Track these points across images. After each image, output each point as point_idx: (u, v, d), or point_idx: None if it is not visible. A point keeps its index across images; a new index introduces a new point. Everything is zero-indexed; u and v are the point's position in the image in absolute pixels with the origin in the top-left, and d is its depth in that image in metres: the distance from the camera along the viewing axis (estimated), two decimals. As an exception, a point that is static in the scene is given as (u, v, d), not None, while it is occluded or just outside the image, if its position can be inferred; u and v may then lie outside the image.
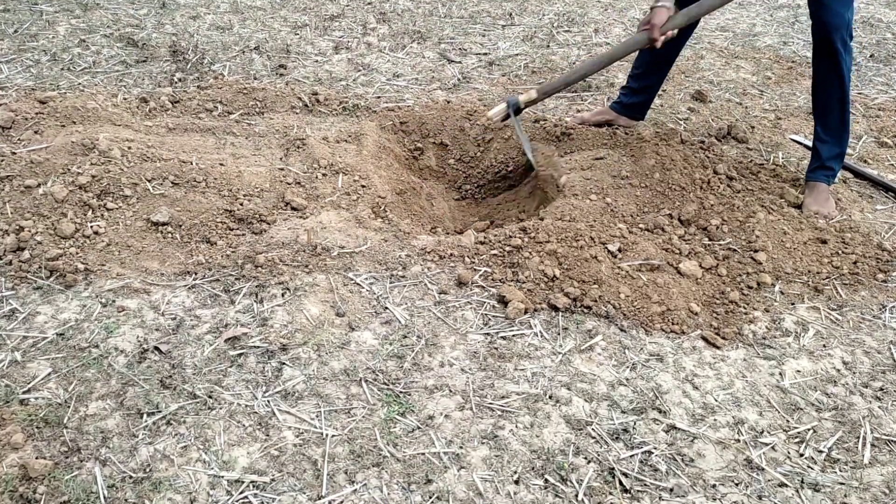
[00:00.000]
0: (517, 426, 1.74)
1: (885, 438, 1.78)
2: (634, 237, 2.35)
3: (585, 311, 2.10)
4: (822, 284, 2.30)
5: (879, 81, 3.86)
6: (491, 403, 1.79)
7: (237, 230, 2.33)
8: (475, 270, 2.22)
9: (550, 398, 1.82)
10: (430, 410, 1.76)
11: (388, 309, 2.06)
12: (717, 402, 1.85)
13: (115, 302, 2.02)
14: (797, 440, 1.77)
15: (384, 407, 1.76)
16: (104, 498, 1.50)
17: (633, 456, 1.69)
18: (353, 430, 1.70)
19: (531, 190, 2.82)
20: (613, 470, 1.65)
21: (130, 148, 2.50)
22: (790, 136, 3.24)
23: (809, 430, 1.80)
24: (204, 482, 1.55)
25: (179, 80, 3.41)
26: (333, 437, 1.68)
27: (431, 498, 1.55)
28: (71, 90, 3.20)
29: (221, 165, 2.55)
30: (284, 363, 1.86)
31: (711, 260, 2.33)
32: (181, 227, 2.29)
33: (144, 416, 1.69)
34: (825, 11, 2.45)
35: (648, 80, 3.03)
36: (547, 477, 1.62)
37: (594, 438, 1.72)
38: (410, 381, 1.84)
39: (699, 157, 2.76)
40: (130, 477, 1.55)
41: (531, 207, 2.73)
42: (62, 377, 1.78)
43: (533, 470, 1.63)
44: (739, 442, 1.75)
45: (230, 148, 2.74)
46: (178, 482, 1.54)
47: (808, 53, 4.20)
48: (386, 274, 2.19)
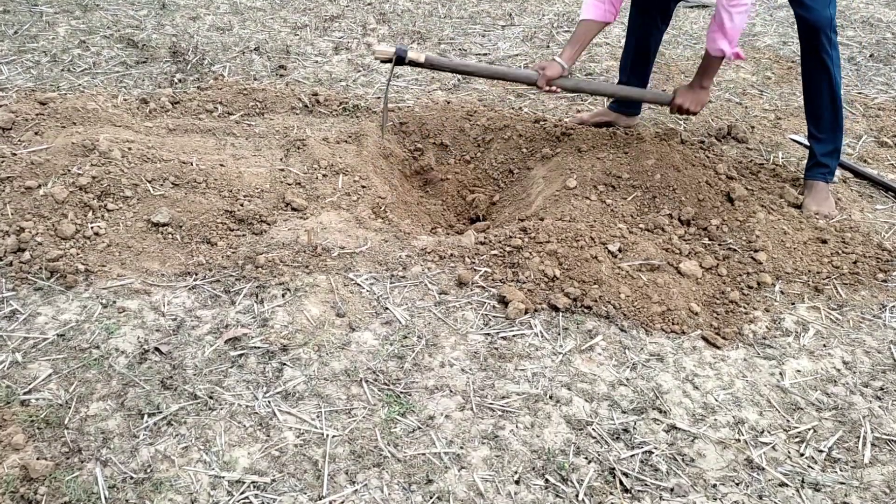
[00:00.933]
0: (518, 426, 1.74)
1: (885, 438, 1.78)
2: (634, 237, 2.35)
3: (586, 311, 2.10)
4: (822, 284, 2.30)
5: (879, 81, 3.86)
6: (491, 404, 1.79)
7: (237, 231, 2.33)
8: (475, 271, 2.23)
9: (551, 398, 1.82)
10: (430, 411, 1.76)
11: (388, 309, 2.06)
12: (717, 401, 1.85)
13: (115, 303, 2.02)
14: (797, 440, 1.77)
15: (385, 407, 1.76)
16: (105, 499, 1.50)
17: (633, 456, 1.69)
18: (353, 430, 1.70)
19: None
20: (614, 470, 1.65)
21: (131, 149, 2.50)
22: (790, 135, 3.24)
23: (810, 429, 1.80)
24: (205, 483, 1.55)
25: (179, 80, 3.41)
26: (334, 437, 1.68)
27: (432, 498, 1.56)
28: (71, 91, 3.20)
29: (222, 166, 2.55)
30: (285, 364, 1.86)
31: (712, 260, 2.33)
32: (181, 227, 2.29)
33: (145, 416, 1.69)
34: (807, 11, 2.46)
35: (637, 70, 3.02)
36: (547, 477, 1.62)
37: (595, 438, 1.73)
38: (411, 381, 1.84)
39: (699, 157, 2.76)
40: (131, 477, 1.55)
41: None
42: (63, 378, 1.78)
43: (533, 470, 1.64)
44: (740, 442, 1.75)
45: (230, 149, 2.74)
46: (178, 483, 1.54)
47: (807, 53, 4.20)
48: (386, 274, 2.19)
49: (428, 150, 3.06)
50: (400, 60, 2.67)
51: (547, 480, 1.61)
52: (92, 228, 2.23)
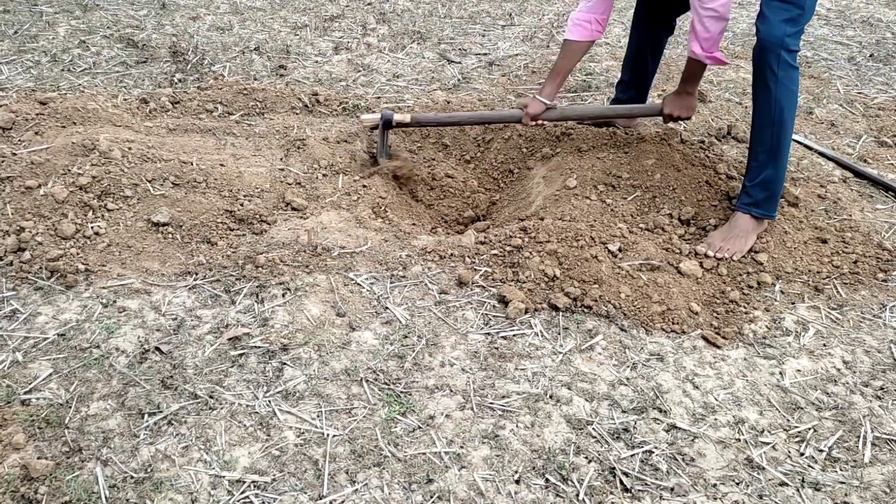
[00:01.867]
0: (518, 426, 1.74)
1: (885, 437, 1.78)
2: (635, 237, 2.35)
3: (586, 310, 2.10)
4: (822, 284, 2.30)
5: (879, 81, 3.86)
6: (491, 403, 1.79)
7: (238, 230, 2.33)
8: (475, 270, 2.23)
9: (551, 398, 1.82)
10: (430, 410, 1.76)
11: (388, 309, 2.06)
12: (717, 401, 1.86)
13: (115, 302, 2.02)
14: (798, 439, 1.77)
15: (385, 407, 1.76)
16: (105, 498, 1.50)
17: (633, 455, 1.69)
18: (353, 429, 1.70)
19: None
20: (614, 469, 1.65)
21: (131, 149, 2.50)
22: (790, 135, 3.24)
23: (810, 429, 1.80)
24: (205, 482, 1.55)
25: (179, 80, 3.41)
26: (334, 436, 1.68)
27: (432, 498, 1.56)
28: (71, 91, 3.20)
29: (222, 166, 2.55)
30: (285, 363, 1.86)
31: (712, 259, 2.33)
32: (182, 227, 2.29)
33: (146, 416, 1.69)
34: (763, 23, 2.24)
35: (639, 70, 3.02)
36: (548, 476, 1.62)
37: (595, 438, 1.73)
38: (411, 380, 1.84)
39: (699, 156, 2.76)
40: (132, 477, 1.55)
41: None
42: (63, 377, 1.78)
43: (534, 469, 1.64)
44: (740, 441, 1.75)
45: (230, 148, 2.74)
46: (179, 482, 1.55)
47: (808, 53, 4.20)
48: (386, 274, 2.19)
49: (428, 149, 3.06)
50: (387, 124, 2.74)
51: (547, 480, 1.61)
52: (92, 228, 2.23)
